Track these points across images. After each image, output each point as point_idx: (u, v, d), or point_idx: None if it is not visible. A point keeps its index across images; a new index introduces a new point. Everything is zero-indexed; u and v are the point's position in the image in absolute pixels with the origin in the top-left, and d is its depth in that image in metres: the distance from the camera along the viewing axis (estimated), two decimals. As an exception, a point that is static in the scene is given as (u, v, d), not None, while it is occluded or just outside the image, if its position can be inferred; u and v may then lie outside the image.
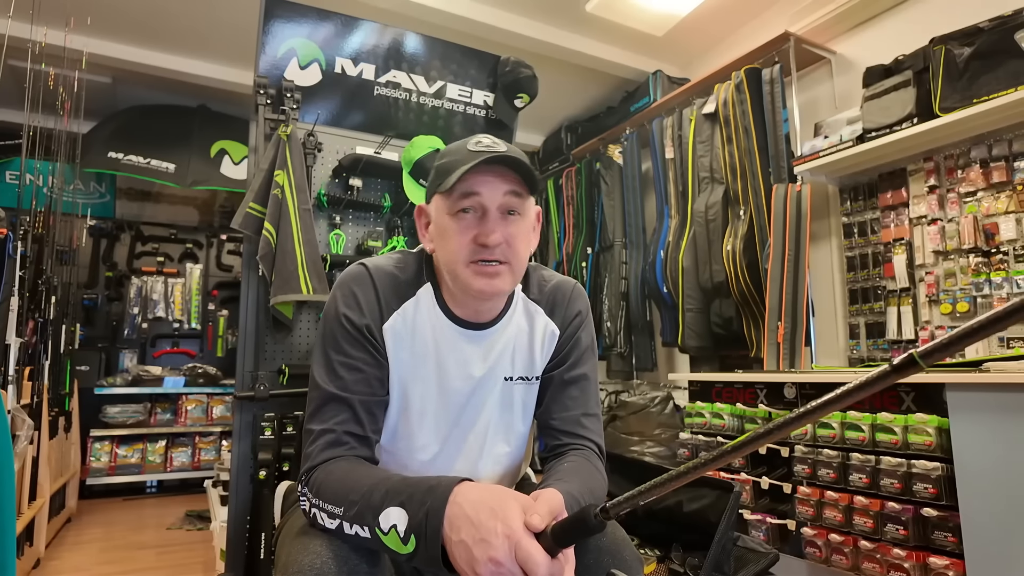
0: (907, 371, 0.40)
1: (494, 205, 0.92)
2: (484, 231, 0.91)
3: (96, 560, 2.82)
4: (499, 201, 0.92)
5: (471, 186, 0.91)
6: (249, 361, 1.91)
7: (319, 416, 0.93)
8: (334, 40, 2.19)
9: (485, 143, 0.93)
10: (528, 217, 0.97)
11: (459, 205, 0.92)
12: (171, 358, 4.78)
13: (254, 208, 1.92)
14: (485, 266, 0.91)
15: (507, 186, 0.92)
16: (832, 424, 1.93)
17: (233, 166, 4.32)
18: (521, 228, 0.95)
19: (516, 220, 0.94)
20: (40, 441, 2.71)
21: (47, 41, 2.81)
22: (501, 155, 0.90)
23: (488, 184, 0.91)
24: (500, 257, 0.92)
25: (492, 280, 0.92)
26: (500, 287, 0.93)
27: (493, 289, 0.93)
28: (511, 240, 0.93)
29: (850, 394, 0.44)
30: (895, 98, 2.40)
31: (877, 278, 2.62)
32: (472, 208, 0.92)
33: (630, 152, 3.81)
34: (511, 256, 0.93)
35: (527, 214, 0.96)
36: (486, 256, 0.91)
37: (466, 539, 0.71)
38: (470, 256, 0.92)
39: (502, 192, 0.92)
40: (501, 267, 0.92)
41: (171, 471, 4.23)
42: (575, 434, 1.01)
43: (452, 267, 0.94)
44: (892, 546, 1.75)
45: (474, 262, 0.92)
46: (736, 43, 3.46)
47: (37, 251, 2.79)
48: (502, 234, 0.91)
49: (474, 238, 0.91)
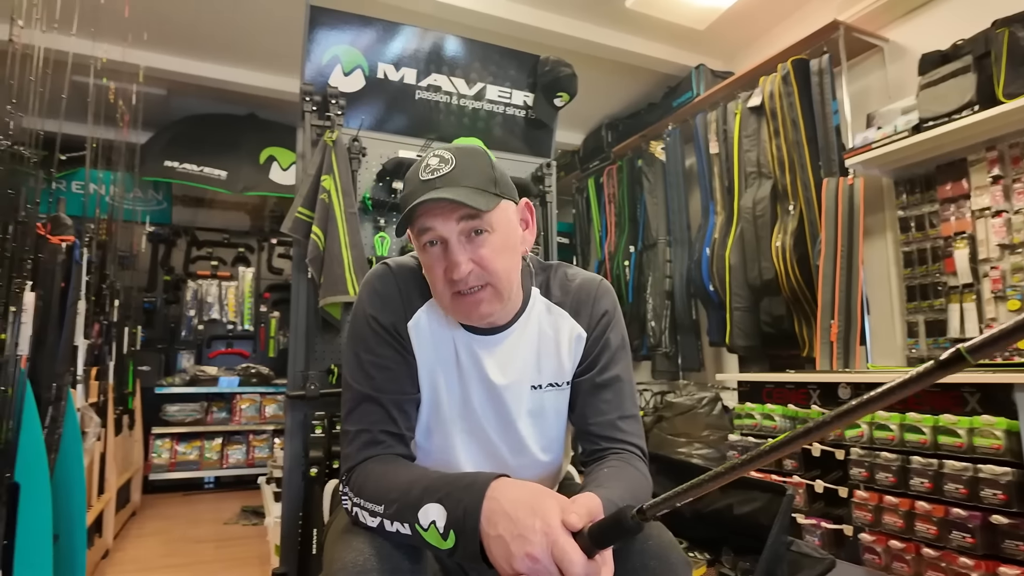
0: (954, 367, 0.38)
1: (452, 235, 0.88)
2: (450, 264, 0.88)
3: (159, 552, 2.95)
4: (456, 229, 0.88)
5: (424, 222, 0.89)
6: (300, 361, 1.96)
7: (354, 416, 0.94)
8: (376, 46, 2.23)
9: (432, 166, 0.90)
10: (500, 229, 0.91)
11: (422, 240, 0.91)
12: (225, 358, 4.95)
13: (302, 213, 1.97)
14: (464, 296, 0.90)
15: (459, 212, 0.87)
16: (891, 426, 1.86)
17: (281, 172, 4.45)
18: (492, 244, 0.90)
19: (485, 238, 0.89)
20: (107, 438, 2.85)
21: (107, 57, 2.95)
22: (448, 184, 0.87)
23: (439, 216, 0.88)
24: (475, 283, 0.89)
25: (476, 308, 0.91)
26: (486, 311, 0.92)
27: (479, 316, 0.92)
28: (482, 262, 0.89)
29: (894, 391, 0.42)
30: (953, 85, 2.29)
31: (937, 274, 2.50)
32: (434, 240, 0.90)
33: (673, 148, 3.75)
34: (488, 277, 0.90)
35: (498, 226, 0.91)
36: (460, 288, 0.89)
37: (503, 534, 0.71)
38: (447, 288, 0.90)
39: (455, 219, 0.88)
40: (481, 292, 0.90)
41: (227, 468, 4.39)
42: (613, 438, 0.99)
43: (437, 299, 0.95)
44: (958, 554, 1.67)
45: (456, 293, 0.90)
46: (781, 34, 3.36)
47: (101, 257, 2.94)
48: (469, 261, 0.88)
49: (444, 271, 0.89)
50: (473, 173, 0.90)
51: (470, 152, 0.93)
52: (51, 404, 1.98)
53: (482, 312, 0.91)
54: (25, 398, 1.67)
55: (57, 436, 1.99)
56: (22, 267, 1.77)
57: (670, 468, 1.85)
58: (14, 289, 1.69)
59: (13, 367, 1.63)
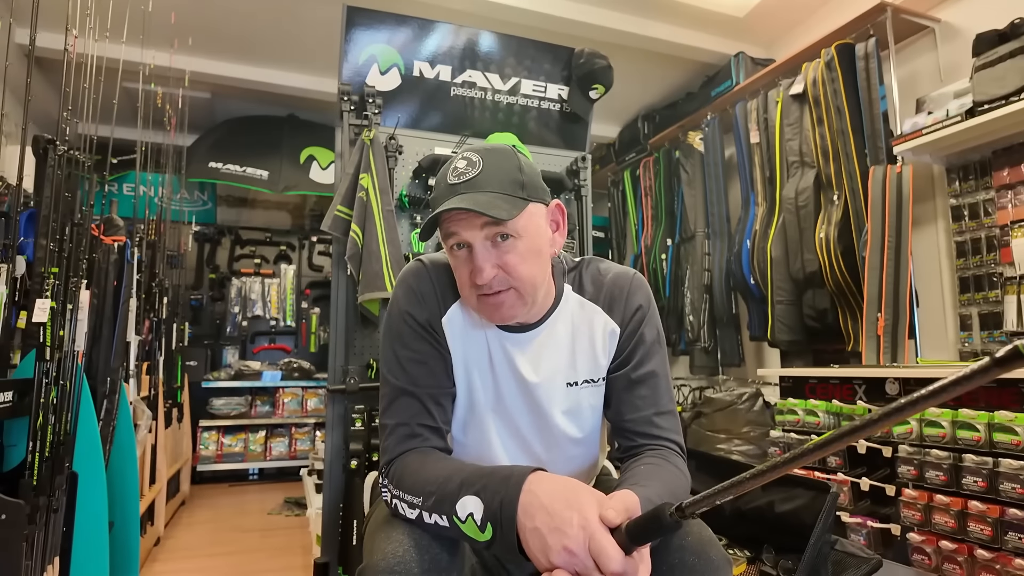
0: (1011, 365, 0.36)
1: (477, 240, 0.88)
2: (474, 269, 0.89)
3: (207, 540, 3.05)
4: (480, 235, 0.88)
5: (449, 227, 0.89)
6: (340, 356, 2.00)
7: (392, 411, 0.96)
8: (411, 44, 2.25)
9: (460, 169, 0.90)
10: (527, 234, 0.91)
11: (449, 243, 0.92)
12: (268, 354, 5.09)
13: (341, 211, 2.01)
14: (488, 297, 0.91)
15: (481, 219, 0.87)
16: (942, 423, 1.79)
17: (321, 171, 4.54)
18: (518, 250, 0.90)
19: (511, 243, 0.89)
20: (157, 430, 2.96)
21: (155, 63, 3.05)
22: (473, 190, 0.87)
23: (464, 222, 0.88)
24: (500, 287, 0.90)
25: (499, 309, 0.91)
26: (508, 314, 0.92)
27: (501, 317, 0.93)
28: (507, 267, 0.89)
29: (946, 389, 0.40)
30: (1011, 66, 2.18)
31: (992, 264, 2.39)
32: (460, 244, 0.90)
33: (711, 138, 3.68)
34: (512, 282, 0.90)
35: (524, 231, 0.90)
36: (486, 291, 0.90)
37: (540, 527, 0.71)
38: (473, 291, 0.91)
39: (479, 226, 0.88)
40: (504, 294, 0.90)
41: (270, 460, 4.51)
42: (650, 434, 0.98)
43: (465, 299, 0.96)
44: (1014, 556, 1.60)
45: (480, 296, 0.91)
46: (823, 19, 3.25)
47: (151, 256, 3.05)
48: (494, 266, 0.89)
49: (470, 275, 0.90)
50: (499, 178, 0.89)
51: (499, 154, 0.92)
52: (106, 397, 2.07)
53: (504, 314, 0.92)
54: (82, 392, 1.74)
55: (112, 428, 2.08)
56: (78, 267, 1.85)
57: (710, 464, 1.82)
58: (71, 288, 1.77)
59: (71, 362, 1.71)
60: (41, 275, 1.68)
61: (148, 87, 3.02)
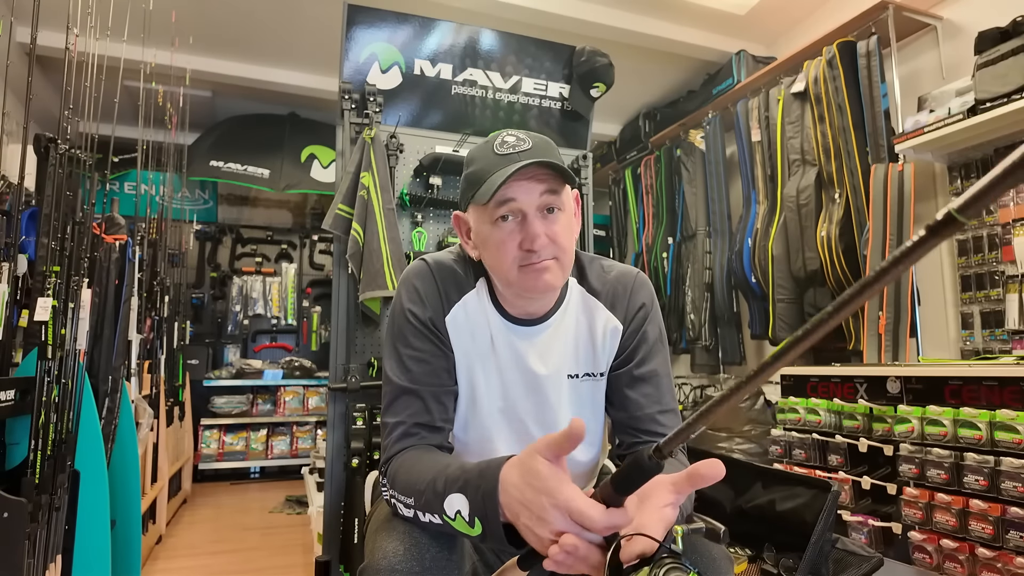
0: (947, 231, 0.33)
1: (532, 208, 0.91)
2: (528, 236, 0.90)
3: (209, 538, 3.06)
4: (536, 203, 0.91)
5: (506, 193, 0.90)
6: (341, 354, 2.00)
7: (392, 409, 0.96)
8: (412, 42, 2.25)
9: (511, 143, 0.93)
10: (567, 209, 0.96)
11: (498, 213, 0.92)
12: (270, 352, 5.09)
13: (343, 209, 2.01)
14: (535, 265, 0.92)
15: (542, 186, 0.91)
16: (943, 421, 1.79)
17: (322, 170, 4.54)
18: (563, 222, 0.94)
19: (557, 216, 0.93)
20: (159, 429, 2.97)
21: (156, 61, 3.05)
22: (532, 158, 0.89)
23: (523, 188, 0.90)
24: (547, 255, 0.92)
25: (542, 275, 0.92)
26: (551, 282, 0.93)
27: (545, 286, 0.93)
28: (554, 237, 0.92)
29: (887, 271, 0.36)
30: (1014, 64, 2.18)
31: (994, 262, 2.39)
32: (511, 214, 0.92)
33: (713, 136, 3.67)
34: (558, 252, 0.92)
35: (566, 206, 0.95)
36: (533, 260, 0.91)
37: (527, 523, 0.71)
38: (519, 261, 0.92)
39: (538, 193, 0.91)
40: (549, 262, 0.92)
41: (271, 458, 4.51)
42: (652, 431, 0.98)
43: (503, 274, 0.95)
44: (1015, 554, 1.60)
45: (523, 265, 0.92)
46: (825, 17, 3.25)
47: (152, 255, 3.05)
48: (545, 235, 0.91)
49: (519, 244, 0.91)
50: (551, 153, 0.93)
51: (540, 136, 0.96)
52: (107, 396, 2.07)
53: (546, 280, 0.92)
54: (84, 390, 1.75)
55: (113, 426, 2.08)
56: (79, 265, 1.85)
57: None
58: (72, 286, 1.77)
59: (73, 361, 1.71)
60: (43, 274, 1.68)
61: (149, 86, 3.01)
